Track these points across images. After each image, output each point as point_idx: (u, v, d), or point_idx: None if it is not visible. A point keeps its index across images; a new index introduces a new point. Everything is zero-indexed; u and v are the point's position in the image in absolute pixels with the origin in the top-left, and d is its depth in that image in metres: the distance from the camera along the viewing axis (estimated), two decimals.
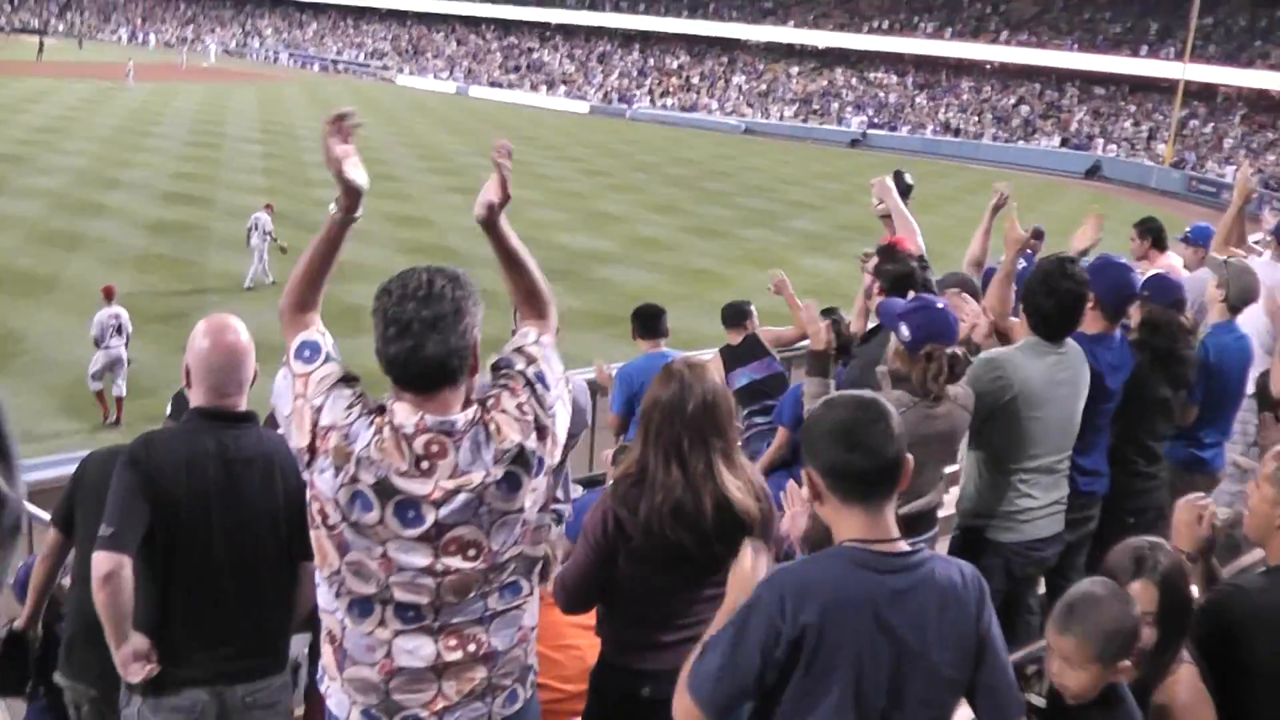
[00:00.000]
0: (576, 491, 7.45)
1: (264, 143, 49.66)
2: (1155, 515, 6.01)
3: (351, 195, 3.39)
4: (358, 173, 3.37)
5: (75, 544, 4.72)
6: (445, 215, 34.75)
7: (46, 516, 6.57)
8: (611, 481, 4.04)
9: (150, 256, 28.00)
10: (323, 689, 3.49)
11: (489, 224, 3.49)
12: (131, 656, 3.99)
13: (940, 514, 5.71)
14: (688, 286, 26.28)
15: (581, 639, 4.63)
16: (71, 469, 4.98)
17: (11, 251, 27.54)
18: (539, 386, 3.32)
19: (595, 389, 9.09)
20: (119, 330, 17.65)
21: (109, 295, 18.05)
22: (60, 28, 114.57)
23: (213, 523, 4.03)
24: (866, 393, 3.24)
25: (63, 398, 18.61)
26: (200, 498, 4.02)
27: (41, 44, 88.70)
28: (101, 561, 3.87)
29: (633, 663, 4.07)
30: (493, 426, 3.18)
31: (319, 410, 3.21)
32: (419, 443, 3.13)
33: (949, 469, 5.80)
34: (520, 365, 3.35)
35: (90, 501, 4.45)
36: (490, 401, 3.23)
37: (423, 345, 3.11)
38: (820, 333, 5.69)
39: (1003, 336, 6.03)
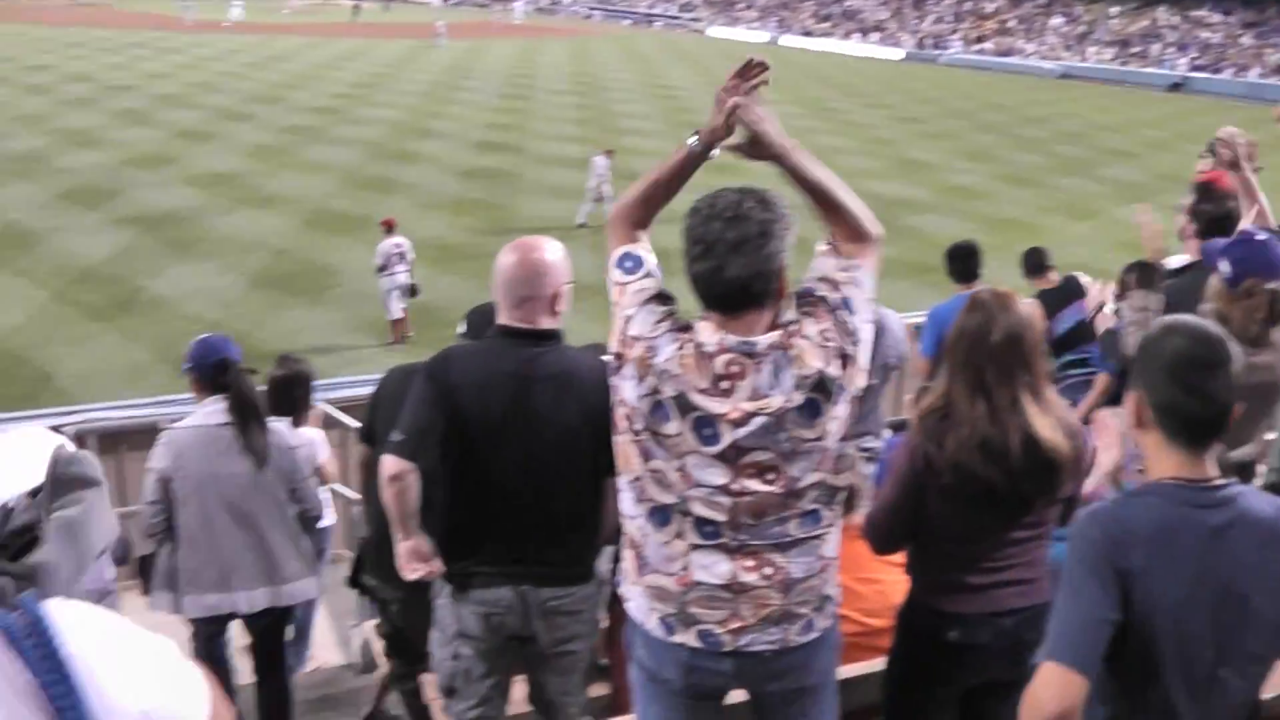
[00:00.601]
0: (886, 434, 7.08)
1: (574, 94, 50.95)
2: None
3: (721, 131, 3.45)
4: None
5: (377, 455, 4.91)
6: (754, 164, 34.51)
7: (355, 425, 7.32)
8: (918, 416, 3.98)
9: (463, 200, 29.24)
10: (622, 592, 3.59)
11: (778, 160, 3.44)
12: (410, 554, 4.21)
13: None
14: (999, 236, 25.17)
15: (885, 573, 4.63)
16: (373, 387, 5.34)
17: (328, 195, 29.35)
18: (843, 312, 3.29)
19: None
20: (402, 258, 18.80)
21: (390, 227, 19.25)
22: None
23: (507, 437, 4.12)
24: (1210, 325, 3.05)
25: (370, 326, 19.58)
26: (494, 413, 4.10)
27: (357, 6, 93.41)
28: (388, 464, 4.07)
29: (941, 604, 3.99)
30: (794, 351, 3.17)
31: (629, 320, 3.30)
32: (719, 362, 3.16)
33: (1269, 435, 5.42)
34: (824, 291, 3.33)
35: (388, 415, 4.61)
36: (793, 326, 3.23)
37: (725, 266, 3.16)
38: (1155, 236, 5.48)
39: None
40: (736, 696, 3.59)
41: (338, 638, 7.63)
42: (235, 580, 5.66)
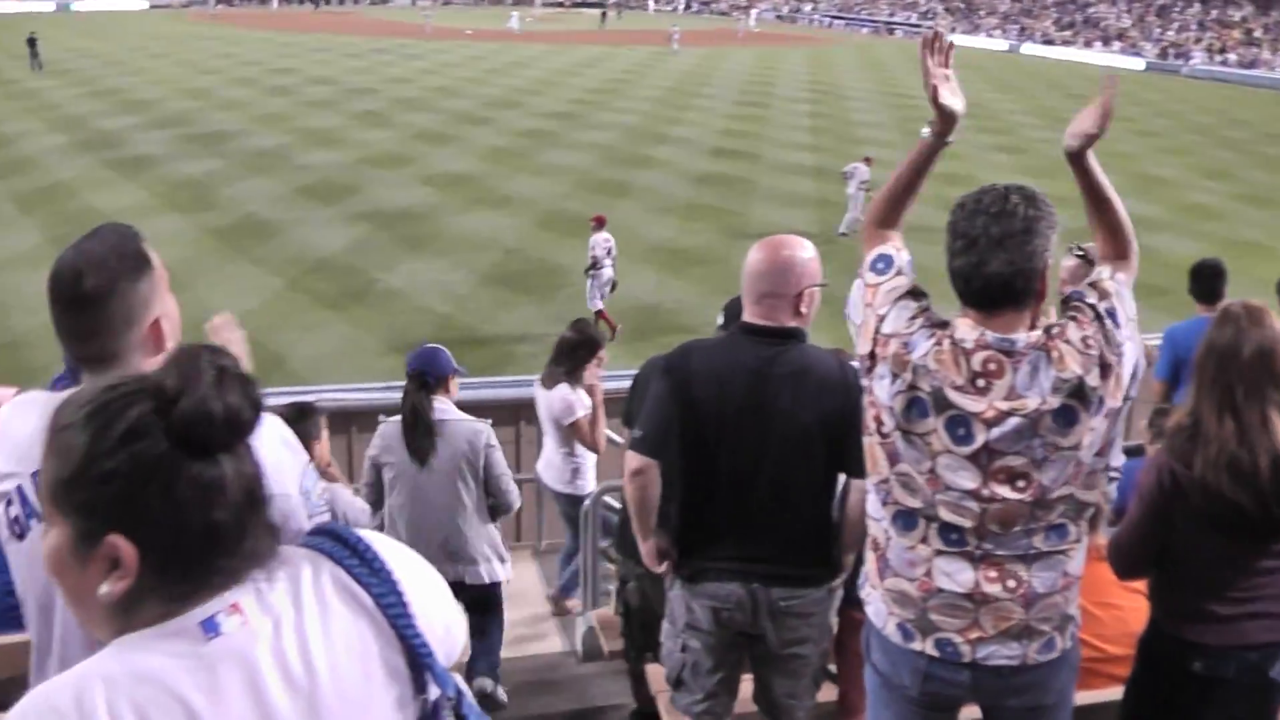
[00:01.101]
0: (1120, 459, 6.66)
1: (811, 102, 50.87)
2: None
3: (946, 120, 3.46)
4: (954, 99, 3.45)
5: None
6: (991, 174, 33.82)
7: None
8: (1166, 437, 3.94)
9: (695, 206, 29.43)
10: (862, 595, 3.60)
11: (1077, 156, 3.43)
12: (650, 552, 4.40)
13: None
14: (1236, 258, 23.90)
15: (1125, 599, 4.51)
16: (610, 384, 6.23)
17: (561, 196, 29.95)
18: (1108, 322, 3.23)
19: None
20: (609, 253, 19.65)
21: (601, 223, 19.95)
22: None
23: (743, 432, 4.12)
24: None
25: (599, 325, 19.31)
26: (729, 407, 4.12)
27: (604, 14, 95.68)
28: (630, 460, 4.24)
29: (1185, 633, 3.90)
30: (1055, 354, 3.12)
31: (882, 319, 3.29)
32: (977, 359, 3.13)
33: None
34: (1092, 299, 3.27)
35: (641, 402, 4.82)
36: (1055, 330, 3.18)
37: (987, 261, 3.12)
38: None
39: None
40: (970, 713, 3.56)
41: (560, 624, 7.71)
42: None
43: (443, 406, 6.16)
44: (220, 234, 25.12)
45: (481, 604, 6.21)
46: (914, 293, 3.34)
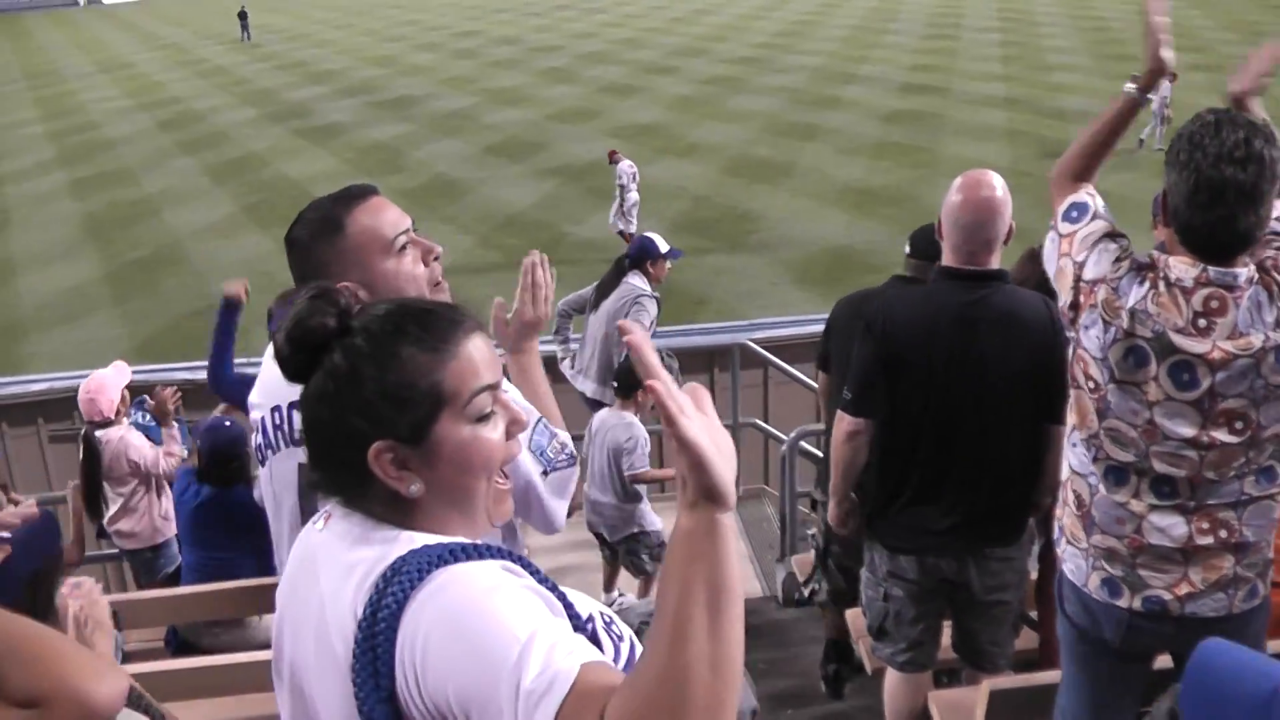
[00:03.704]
0: None
1: (1001, 30, 49.68)
2: None
3: (1155, 73, 3.37)
4: (1168, 51, 3.32)
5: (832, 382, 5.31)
6: (1188, 95, 32.52)
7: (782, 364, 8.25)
8: None
9: (885, 144, 29.03)
10: (1060, 552, 3.51)
11: (1240, 100, 3.32)
12: (837, 516, 4.48)
13: None
14: None
15: None
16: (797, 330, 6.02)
17: (750, 142, 29.88)
18: None
19: None
20: (634, 178, 20.84)
21: (615, 156, 21.46)
22: None
23: (952, 381, 4.04)
24: None
25: (795, 270, 19.79)
26: (938, 357, 4.04)
27: None
28: (841, 422, 4.22)
29: None
30: (1275, 288, 3.01)
31: (1082, 265, 3.19)
32: (1198, 297, 3.00)
33: None
34: None
35: (839, 345, 4.95)
36: (1268, 260, 3.06)
37: (1238, 216, 2.94)
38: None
39: None
40: (1165, 662, 3.48)
41: (758, 570, 7.65)
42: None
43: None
44: (410, 195, 25.61)
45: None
46: (1112, 234, 3.21)
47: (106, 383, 6.71)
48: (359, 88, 42.08)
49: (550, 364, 8.67)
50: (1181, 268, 3.02)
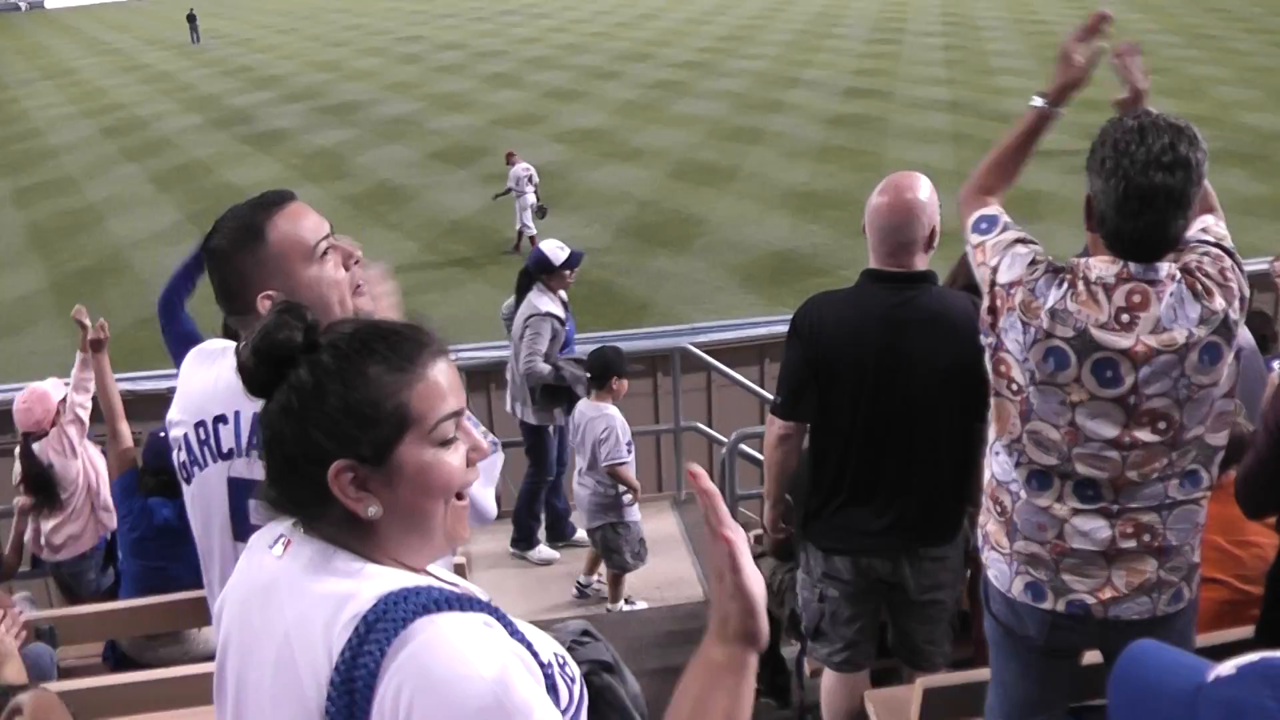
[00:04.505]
0: None
1: (945, 35, 49.90)
2: None
3: (1067, 87, 3.37)
4: (1079, 58, 3.33)
5: None
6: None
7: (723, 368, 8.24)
8: None
9: (829, 148, 29.10)
10: (983, 555, 3.51)
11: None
12: (771, 518, 4.54)
13: None
14: None
15: (1265, 536, 4.27)
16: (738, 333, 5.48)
17: (695, 146, 29.90)
18: (1237, 256, 3.17)
19: None
20: (530, 180, 21.17)
21: (511, 157, 21.92)
22: None
23: (881, 384, 4.05)
24: None
25: (740, 274, 19.84)
26: (865, 360, 4.05)
27: None
28: (772, 426, 4.27)
29: None
30: (1198, 287, 3.03)
31: (995, 270, 3.20)
32: (1120, 293, 3.03)
33: None
34: (1210, 238, 3.20)
35: None
36: (1192, 263, 3.09)
37: (1166, 221, 2.98)
38: None
39: None
40: (1092, 657, 3.52)
41: (700, 573, 7.70)
42: None
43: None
44: (355, 201, 25.63)
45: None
46: (1023, 240, 3.24)
47: (42, 394, 6.68)
48: (304, 93, 41.88)
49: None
50: (1102, 266, 3.06)
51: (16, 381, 8.18)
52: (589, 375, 7.26)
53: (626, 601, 7.49)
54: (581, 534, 8.16)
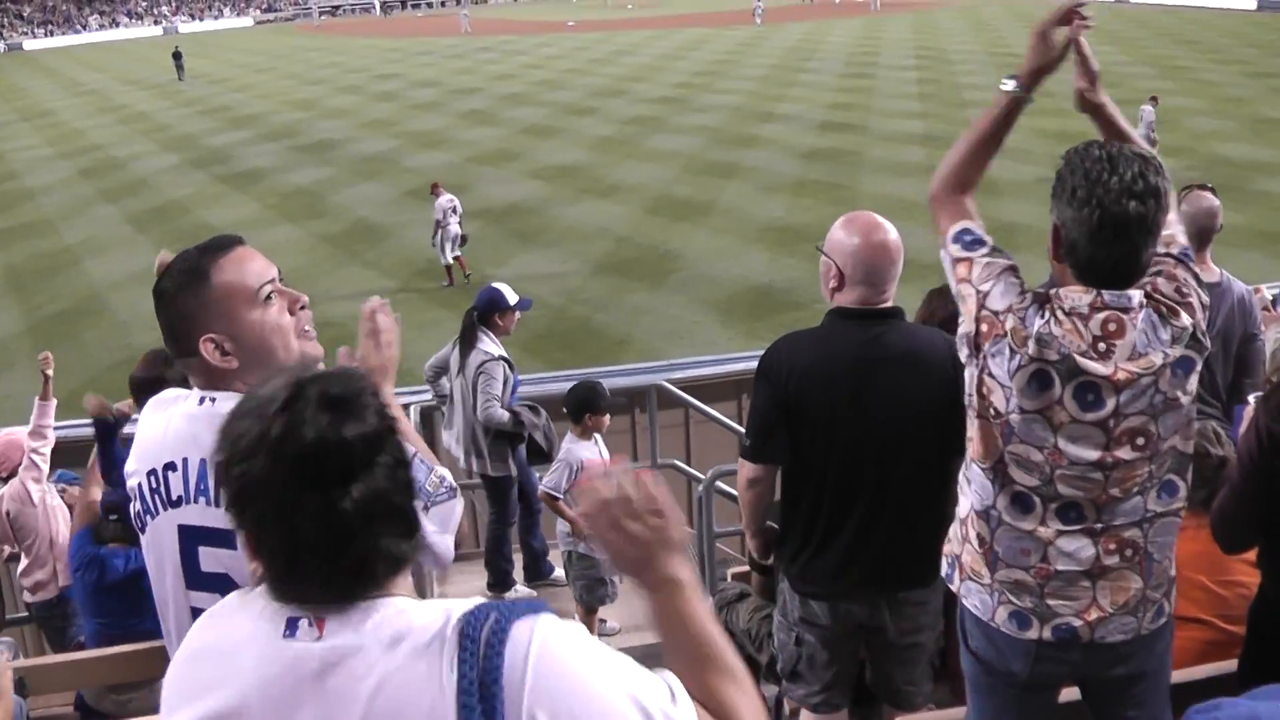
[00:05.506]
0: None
1: (918, 69, 50.28)
2: None
3: (1040, 70, 3.34)
4: (1055, 38, 3.31)
5: None
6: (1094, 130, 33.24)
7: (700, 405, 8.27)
8: (1262, 396, 3.70)
9: (804, 182, 29.20)
10: (955, 587, 3.48)
11: (1088, 107, 3.46)
12: (757, 547, 4.58)
13: None
14: None
15: (1248, 575, 4.20)
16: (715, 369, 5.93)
17: (670, 181, 29.96)
18: (1190, 263, 3.21)
19: None
20: (454, 211, 21.62)
21: (438, 189, 22.23)
22: None
23: (853, 423, 4.01)
24: None
25: (717, 309, 19.83)
26: (837, 399, 4.00)
27: None
28: (743, 469, 4.26)
29: None
30: (1163, 309, 3.07)
31: (986, 295, 3.17)
32: (1095, 322, 3.04)
33: None
34: (1161, 250, 3.19)
35: None
36: (1149, 286, 3.11)
37: (1141, 248, 3.00)
38: None
39: None
40: (1070, 695, 3.52)
41: None
42: None
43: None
44: (332, 240, 25.59)
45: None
46: (1014, 268, 3.22)
47: (14, 440, 6.63)
48: (281, 132, 41.86)
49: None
50: (1075, 295, 3.06)
51: None
52: (566, 411, 7.20)
53: (601, 621, 7.48)
54: (559, 573, 8.10)
